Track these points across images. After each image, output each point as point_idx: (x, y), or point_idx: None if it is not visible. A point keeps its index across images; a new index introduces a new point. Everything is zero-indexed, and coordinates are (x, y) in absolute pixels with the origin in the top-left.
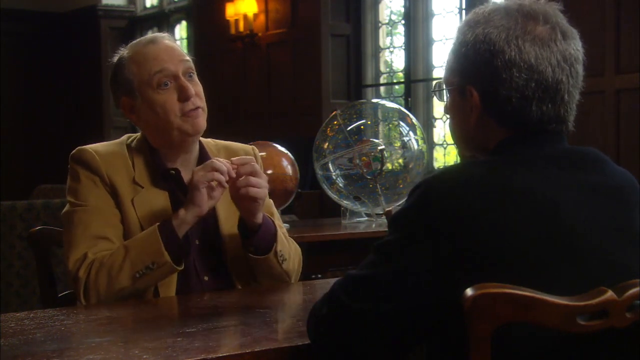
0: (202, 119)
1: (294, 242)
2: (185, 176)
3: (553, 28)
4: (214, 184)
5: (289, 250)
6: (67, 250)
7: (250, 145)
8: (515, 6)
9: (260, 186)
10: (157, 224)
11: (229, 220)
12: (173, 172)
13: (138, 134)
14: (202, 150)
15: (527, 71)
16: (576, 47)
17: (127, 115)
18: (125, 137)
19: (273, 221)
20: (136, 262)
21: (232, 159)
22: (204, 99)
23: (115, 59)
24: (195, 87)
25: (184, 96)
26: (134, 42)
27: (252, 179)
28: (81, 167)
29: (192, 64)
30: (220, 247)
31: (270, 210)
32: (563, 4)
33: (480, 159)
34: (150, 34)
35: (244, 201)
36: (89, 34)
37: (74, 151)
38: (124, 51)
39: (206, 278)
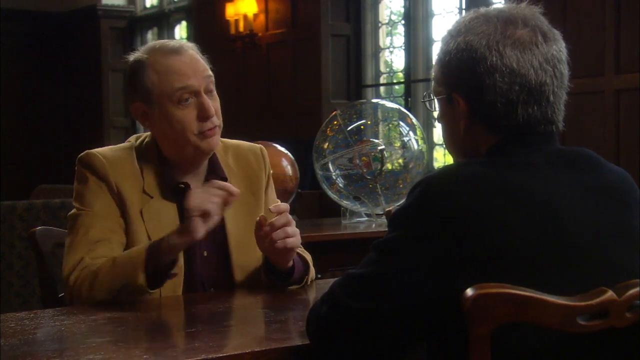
0: (217, 137)
1: (301, 247)
2: (195, 188)
3: (533, 31)
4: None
5: (310, 265)
6: (66, 253)
7: (258, 144)
8: (495, 12)
9: (296, 234)
10: (146, 245)
11: (237, 233)
12: (182, 186)
13: (147, 135)
14: (213, 159)
15: (509, 75)
16: (559, 48)
17: (140, 120)
18: (133, 138)
19: (300, 254)
20: (116, 279)
21: (270, 207)
22: (221, 115)
23: (132, 58)
24: (214, 104)
25: (203, 115)
26: (156, 46)
27: (289, 230)
28: (89, 171)
29: (213, 78)
30: (229, 260)
31: None
32: (563, 4)
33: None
34: (173, 41)
35: (279, 252)
36: (88, 34)
37: (82, 154)
38: (143, 53)
39: (212, 290)
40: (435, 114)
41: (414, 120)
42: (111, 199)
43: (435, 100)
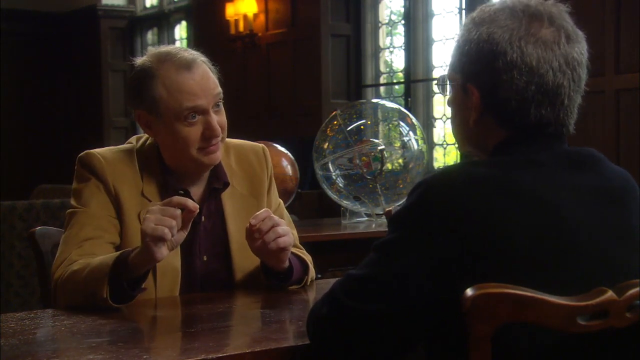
0: (219, 152)
1: (303, 249)
2: (195, 193)
3: (558, 30)
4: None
5: (310, 265)
6: (59, 247)
7: (260, 144)
8: (522, 6)
9: (287, 233)
10: (114, 257)
11: (239, 236)
12: (182, 192)
13: (148, 136)
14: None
15: (527, 74)
16: (580, 50)
17: (142, 128)
18: (134, 139)
19: (297, 255)
20: (84, 286)
21: (251, 220)
22: (226, 128)
23: (139, 62)
24: (220, 118)
25: (209, 135)
26: (166, 57)
27: (280, 229)
28: (87, 171)
29: (221, 92)
30: (230, 263)
31: (281, 213)
32: (563, 4)
33: (479, 157)
34: (184, 53)
35: (274, 253)
36: (88, 34)
37: (82, 154)
38: (152, 62)
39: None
40: (440, 107)
41: (414, 120)
42: (108, 199)
43: (449, 85)
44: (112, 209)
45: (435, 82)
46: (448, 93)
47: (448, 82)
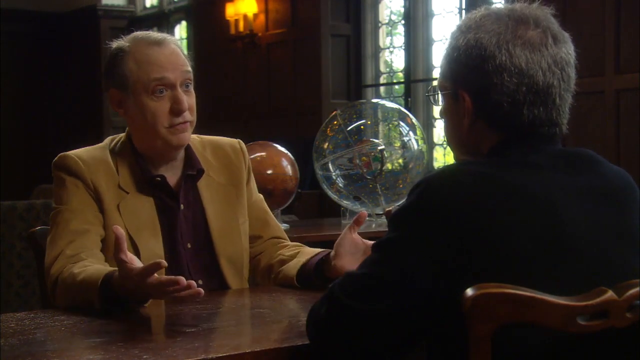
0: (188, 133)
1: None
2: (171, 181)
3: (544, 32)
4: None
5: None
6: (48, 247)
7: (248, 142)
8: (506, 11)
9: None
10: (102, 276)
11: (219, 224)
12: (159, 179)
13: (122, 136)
14: (189, 151)
15: (517, 75)
16: (567, 50)
17: (114, 108)
18: (108, 140)
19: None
20: (80, 294)
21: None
22: (195, 112)
23: (114, 45)
24: (189, 100)
25: (176, 110)
26: (139, 36)
27: None
28: (64, 173)
29: (191, 74)
30: (213, 250)
31: (261, 207)
32: (563, 4)
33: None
34: (156, 33)
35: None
36: (88, 34)
37: (56, 158)
38: (125, 42)
39: (200, 282)
40: (438, 109)
41: (414, 120)
42: (88, 195)
43: (440, 95)
44: (94, 204)
45: (426, 93)
46: (440, 103)
47: (439, 92)
